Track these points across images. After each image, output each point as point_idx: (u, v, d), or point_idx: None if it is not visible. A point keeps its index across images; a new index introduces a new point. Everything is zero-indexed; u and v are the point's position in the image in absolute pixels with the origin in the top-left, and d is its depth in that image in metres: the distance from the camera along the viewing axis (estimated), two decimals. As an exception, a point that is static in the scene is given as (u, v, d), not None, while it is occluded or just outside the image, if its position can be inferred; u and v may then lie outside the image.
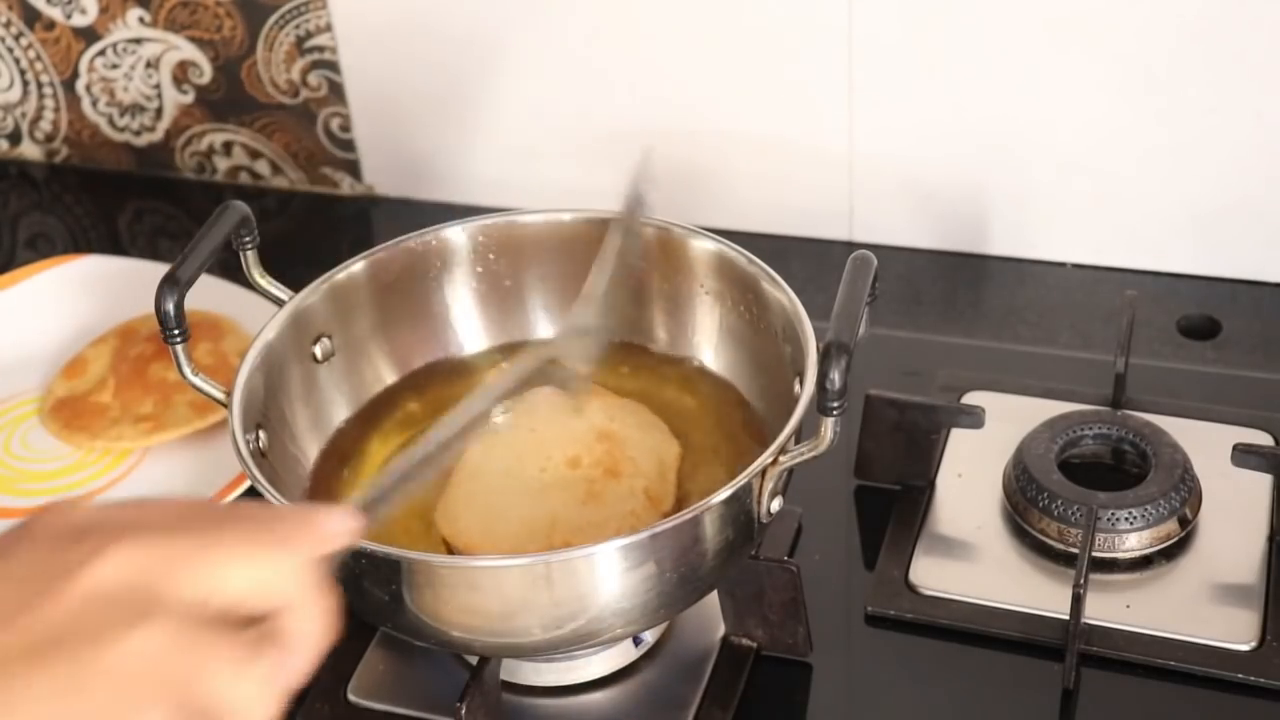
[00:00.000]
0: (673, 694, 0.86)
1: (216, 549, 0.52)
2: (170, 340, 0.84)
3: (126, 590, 0.50)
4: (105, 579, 0.49)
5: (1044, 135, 1.13)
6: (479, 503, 0.85)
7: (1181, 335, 1.11)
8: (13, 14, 1.32)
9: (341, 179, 1.33)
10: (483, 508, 0.85)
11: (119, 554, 0.50)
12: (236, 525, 0.53)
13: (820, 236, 1.22)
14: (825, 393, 0.73)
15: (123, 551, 0.50)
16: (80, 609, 0.49)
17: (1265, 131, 1.08)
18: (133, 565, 0.50)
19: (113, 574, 0.50)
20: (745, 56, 1.16)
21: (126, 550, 0.50)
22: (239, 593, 0.51)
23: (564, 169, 1.24)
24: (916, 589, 0.91)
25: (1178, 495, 0.92)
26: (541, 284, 0.97)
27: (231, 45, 1.28)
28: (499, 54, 1.21)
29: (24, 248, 1.32)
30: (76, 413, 1.07)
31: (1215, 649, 0.86)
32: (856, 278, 0.79)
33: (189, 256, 0.84)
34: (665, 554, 0.75)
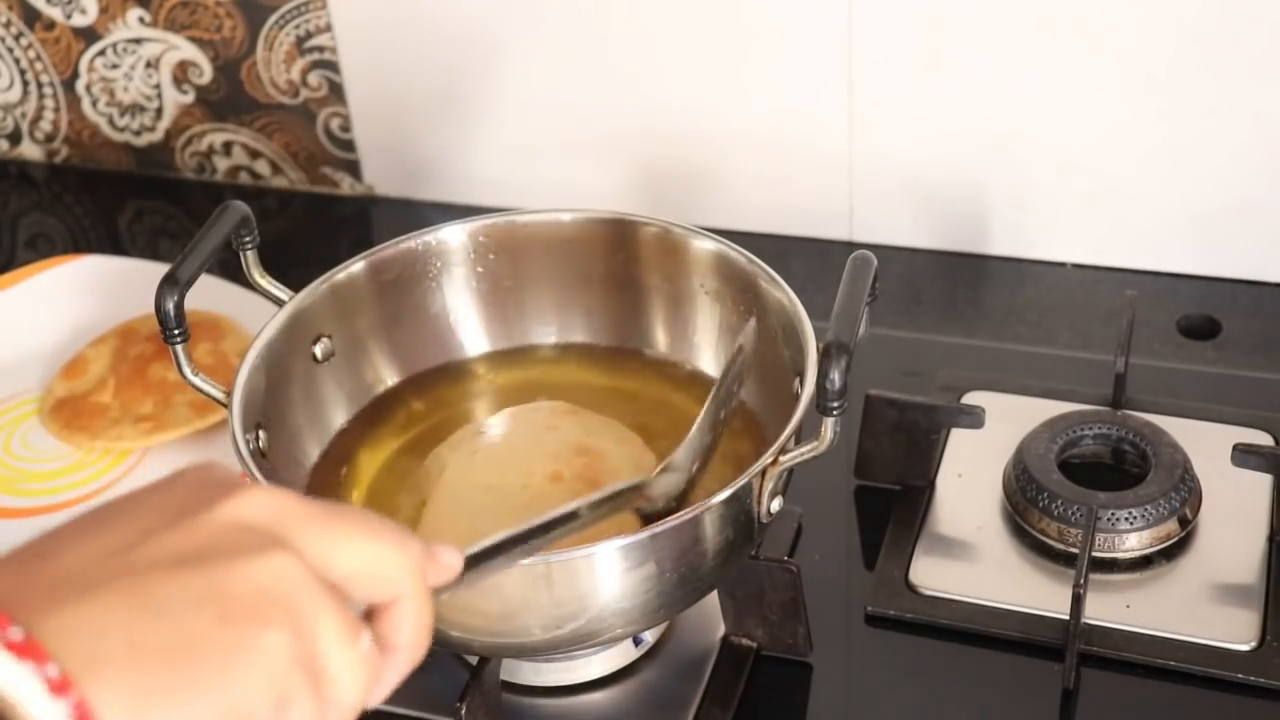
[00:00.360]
0: (673, 694, 0.86)
1: (345, 523, 0.53)
2: (170, 340, 0.84)
3: (262, 525, 0.51)
4: (244, 512, 0.51)
5: (1044, 135, 1.13)
6: (462, 520, 0.84)
7: (1181, 335, 1.11)
8: (13, 14, 1.32)
9: (341, 179, 1.33)
10: (466, 525, 0.84)
11: (259, 497, 0.52)
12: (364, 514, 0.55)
13: (820, 236, 1.22)
14: (825, 393, 0.73)
15: (260, 496, 0.52)
16: (219, 532, 0.51)
17: (1265, 131, 1.08)
18: (270, 509, 0.52)
19: (250, 510, 0.52)
20: (745, 56, 1.16)
21: (264, 496, 0.52)
22: (355, 569, 0.53)
23: (564, 169, 1.24)
24: (916, 589, 0.91)
25: (1178, 495, 0.92)
26: (541, 284, 0.97)
27: (231, 45, 1.28)
28: (499, 54, 1.21)
29: (24, 248, 1.32)
30: (76, 413, 1.07)
31: (1215, 649, 0.86)
32: (856, 278, 0.79)
33: (189, 256, 0.84)
34: (665, 554, 0.75)
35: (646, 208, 1.00)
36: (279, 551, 0.51)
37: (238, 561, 0.50)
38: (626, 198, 1.22)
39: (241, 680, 0.48)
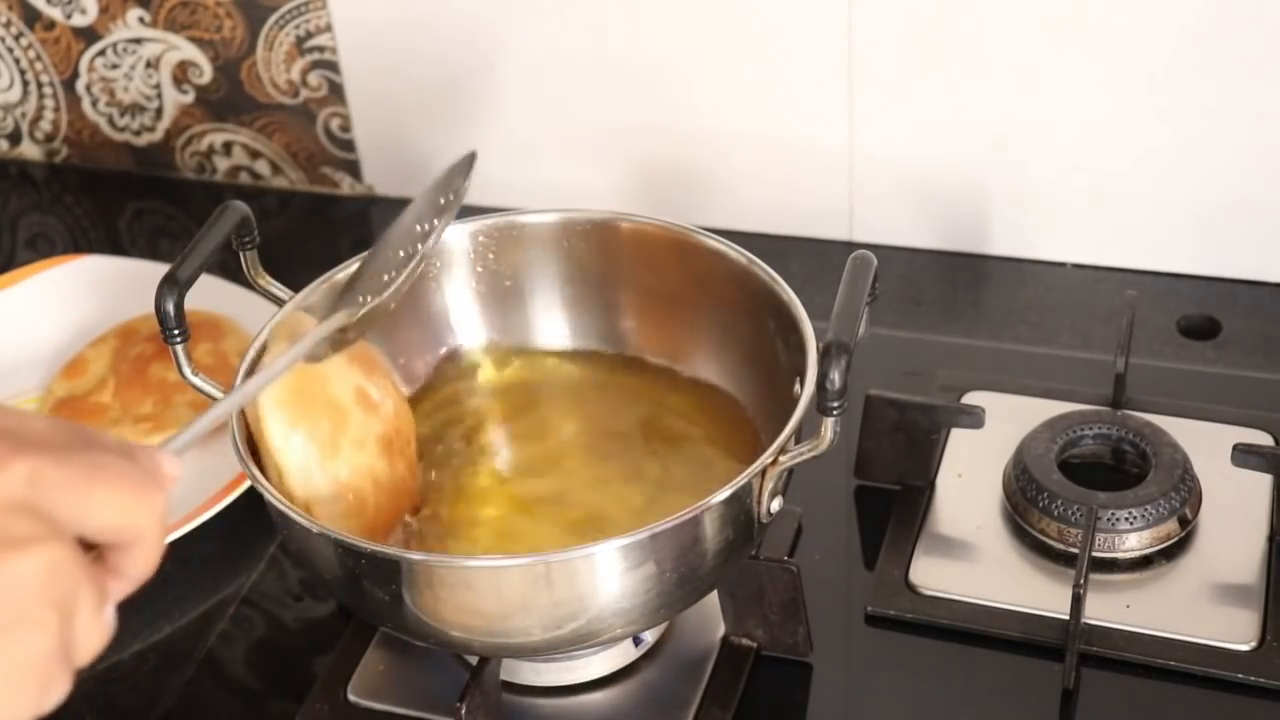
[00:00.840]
0: (673, 694, 0.86)
1: (98, 483, 0.53)
2: (170, 340, 0.84)
3: (24, 505, 0.51)
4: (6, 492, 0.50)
5: (1044, 135, 1.13)
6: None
7: (1181, 335, 1.11)
8: (13, 14, 1.32)
9: (341, 179, 1.33)
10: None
11: (16, 468, 0.51)
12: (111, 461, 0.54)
13: (820, 236, 1.22)
14: (825, 393, 0.73)
15: (18, 465, 0.51)
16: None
17: (1265, 131, 1.08)
18: (27, 481, 0.51)
19: (11, 488, 0.51)
20: (745, 56, 1.16)
21: (22, 464, 0.51)
22: (104, 525, 0.53)
23: (564, 169, 1.24)
24: (916, 589, 0.91)
25: (1178, 495, 0.92)
26: (541, 284, 0.97)
27: (231, 45, 1.28)
28: (499, 54, 1.21)
29: (24, 248, 1.32)
30: (76, 413, 1.07)
31: (1215, 649, 0.86)
32: (856, 278, 0.79)
33: (189, 256, 0.84)
34: (665, 554, 0.75)
35: (646, 208, 1.00)
36: (50, 545, 0.50)
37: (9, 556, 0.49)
38: (626, 198, 1.22)
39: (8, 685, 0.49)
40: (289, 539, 0.81)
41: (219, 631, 0.94)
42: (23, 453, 0.52)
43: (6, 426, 0.53)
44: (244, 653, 0.93)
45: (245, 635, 0.94)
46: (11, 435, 0.52)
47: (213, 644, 0.93)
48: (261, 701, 0.92)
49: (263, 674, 0.93)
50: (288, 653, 0.94)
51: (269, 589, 0.96)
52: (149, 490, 0.55)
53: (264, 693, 0.92)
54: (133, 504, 0.54)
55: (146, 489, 0.55)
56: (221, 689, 0.91)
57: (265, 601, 0.96)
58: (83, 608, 0.52)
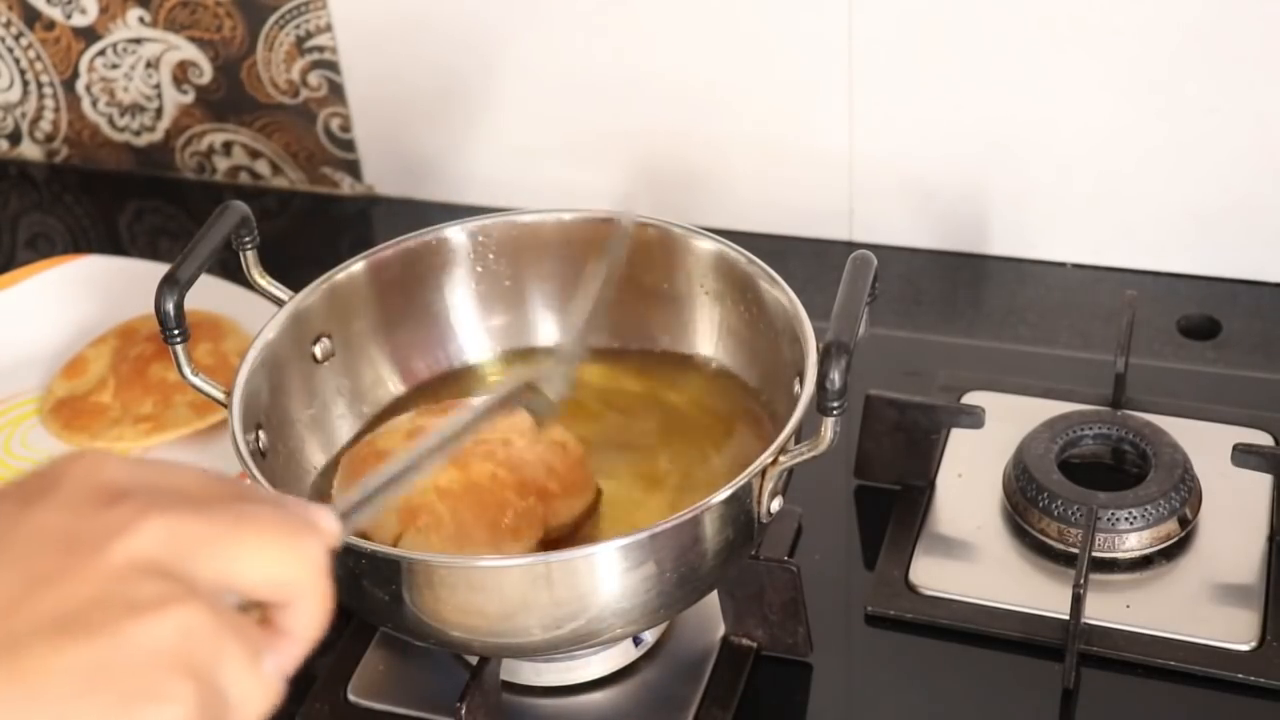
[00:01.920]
0: (673, 694, 0.86)
1: (244, 535, 0.50)
2: (170, 340, 0.84)
3: (156, 567, 0.47)
4: (134, 553, 0.47)
5: (1044, 135, 1.13)
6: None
7: (1181, 335, 1.11)
8: (13, 14, 1.32)
9: (341, 179, 1.33)
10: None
11: (151, 528, 0.48)
12: (258, 512, 0.51)
13: (820, 236, 1.22)
14: (825, 392, 0.73)
15: (155, 525, 0.48)
16: (109, 585, 0.47)
17: (1265, 131, 1.08)
18: (164, 541, 0.48)
19: (141, 549, 0.47)
20: (745, 57, 1.16)
21: (159, 524, 0.48)
22: (256, 582, 0.50)
23: (564, 169, 1.24)
24: (916, 589, 0.91)
25: (1178, 495, 0.92)
26: (541, 284, 0.97)
27: (231, 45, 1.28)
28: (499, 54, 1.21)
29: (24, 248, 1.32)
30: (76, 413, 1.07)
31: (1215, 649, 0.86)
32: (856, 277, 0.79)
33: (189, 256, 0.84)
34: (665, 554, 0.75)
35: (646, 208, 1.00)
36: (184, 606, 0.47)
37: (133, 623, 0.46)
38: (626, 198, 1.22)
39: None
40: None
41: (219, 631, 0.93)
42: (157, 510, 0.48)
43: (144, 481, 0.50)
44: (244, 653, 0.93)
45: (245, 635, 0.94)
46: (147, 491, 0.49)
47: (213, 644, 0.93)
48: (261, 701, 0.92)
49: (263, 674, 0.93)
50: (288, 653, 0.94)
51: (269, 589, 0.96)
52: (302, 540, 0.51)
53: (264, 693, 0.92)
54: (284, 556, 0.51)
55: (299, 539, 0.51)
56: (221, 689, 0.91)
57: (265, 601, 0.96)
58: (229, 669, 0.48)
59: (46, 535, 0.47)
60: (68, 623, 0.46)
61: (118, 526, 0.47)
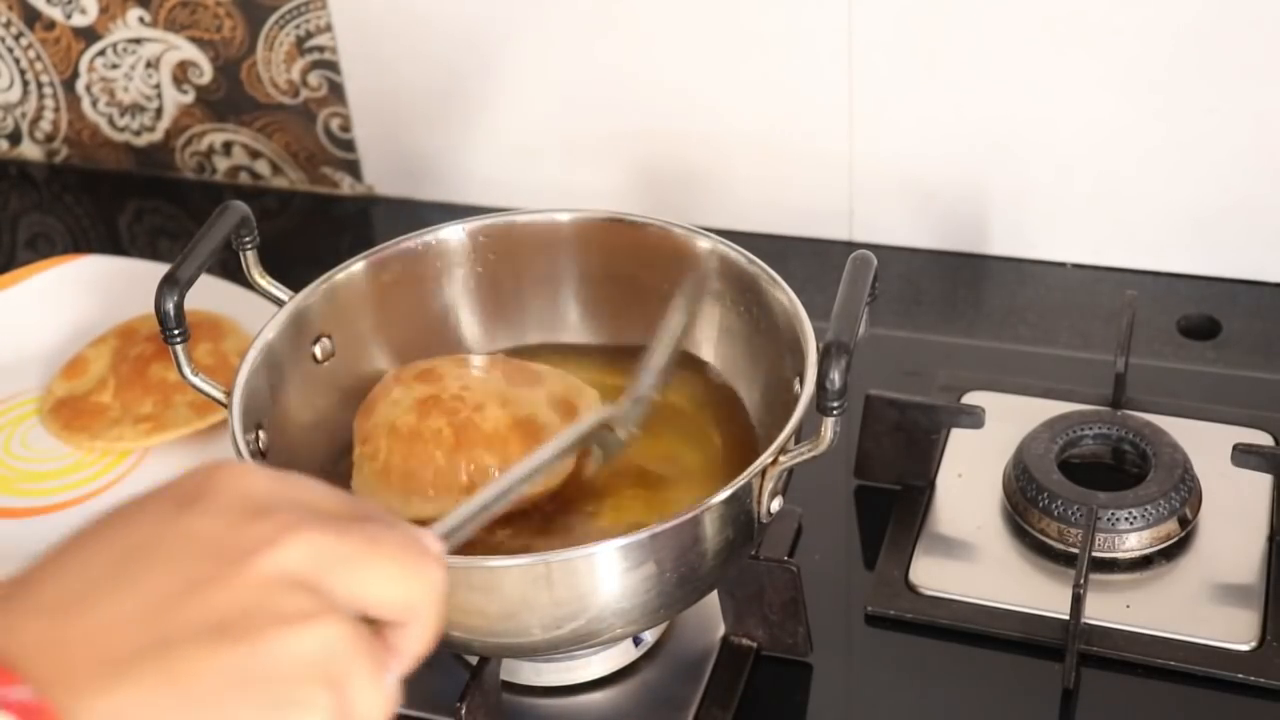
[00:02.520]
0: (673, 694, 0.86)
1: (377, 557, 0.52)
2: (170, 340, 0.84)
3: (299, 582, 0.49)
4: (282, 566, 0.49)
5: (1044, 135, 1.13)
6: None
7: (1181, 335, 1.11)
8: (13, 14, 1.32)
9: (341, 179, 1.33)
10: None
11: (297, 543, 0.50)
12: (387, 534, 0.53)
13: (820, 236, 1.22)
14: (825, 392, 0.73)
15: (301, 541, 0.50)
16: (259, 594, 0.49)
17: (1265, 131, 1.08)
18: (308, 557, 0.50)
19: (289, 563, 0.49)
20: (745, 57, 1.16)
21: (304, 540, 0.50)
22: (383, 601, 0.52)
23: (564, 169, 1.24)
24: (916, 589, 0.91)
25: (1178, 495, 0.92)
26: (541, 284, 0.97)
27: (231, 45, 1.28)
28: (499, 54, 1.21)
29: (24, 248, 1.32)
30: (76, 413, 1.07)
31: (1215, 649, 0.86)
32: (856, 277, 0.79)
33: (189, 256, 0.84)
34: (665, 554, 0.75)
35: (646, 208, 1.00)
36: (326, 620, 0.49)
37: (282, 633, 0.48)
38: (626, 198, 1.22)
39: None
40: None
41: (219, 631, 0.94)
42: (304, 526, 0.50)
43: (290, 495, 0.52)
44: (244, 653, 0.93)
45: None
46: (296, 506, 0.51)
47: (213, 644, 0.93)
48: (261, 701, 0.92)
49: (263, 674, 0.93)
50: (288, 653, 0.94)
51: (269, 589, 0.96)
52: (427, 565, 0.53)
53: (264, 693, 0.92)
54: (411, 580, 0.53)
55: (424, 564, 0.53)
56: (221, 689, 0.91)
57: (265, 601, 0.96)
58: (359, 682, 0.50)
59: (200, 541, 0.49)
60: (222, 628, 0.48)
61: (267, 539, 0.49)
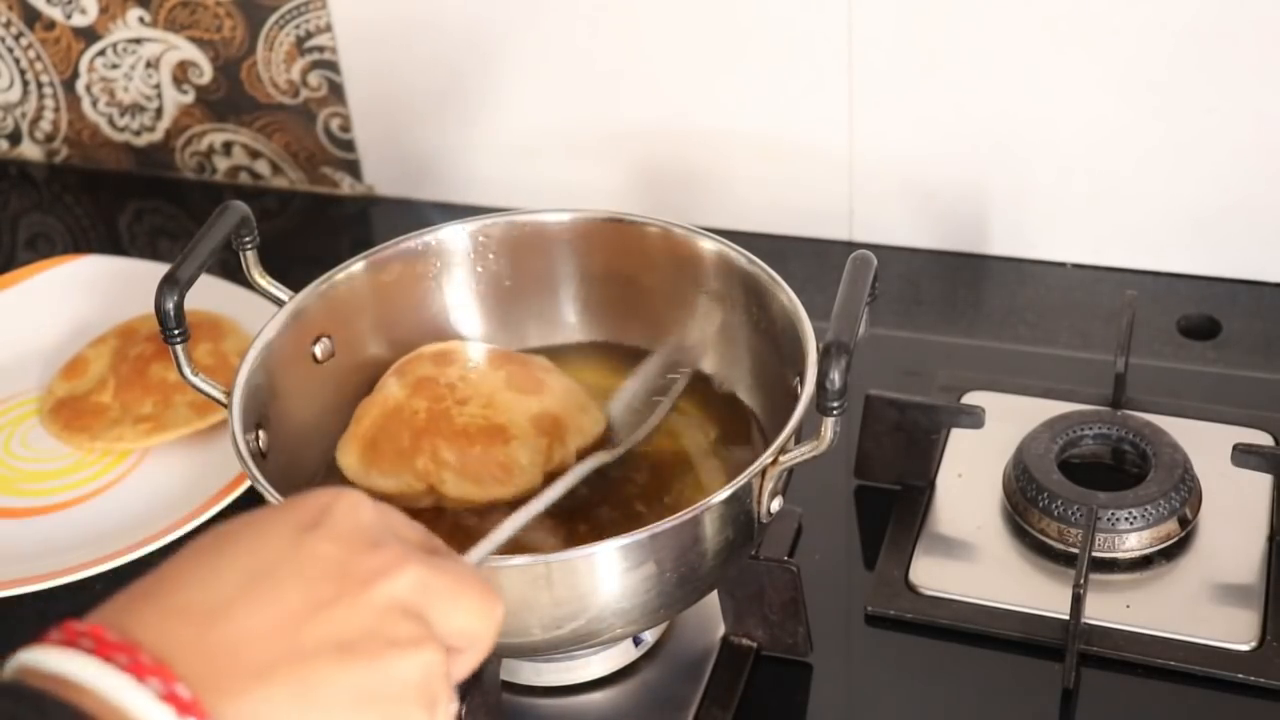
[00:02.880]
0: (673, 694, 0.86)
1: (465, 590, 0.57)
2: (170, 340, 0.84)
3: (408, 609, 0.55)
4: (397, 594, 0.54)
5: (1044, 135, 1.13)
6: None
7: (1181, 335, 1.11)
8: (13, 14, 1.32)
9: (341, 179, 1.33)
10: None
11: (409, 574, 0.55)
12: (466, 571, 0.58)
13: (820, 236, 1.22)
14: (825, 392, 0.73)
15: (411, 573, 0.55)
16: (376, 617, 0.54)
17: (1265, 131, 1.08)
18: (416, 588, 0.55)
19: (403, 592, 0.55)
20: (745, 56, 1.16)
21: (414, 573, 0.55)
22: (459, 631, 0.57)
23: (564, 169, 1.24)
24: (916, 589, 0.91)
25: (1178, 495, 0.92)
26: (541, 284, 0.97)
27: (231, 45, 1.28)
28: (499, 54, 1.21)
29: (24, 248, 1.32)
30: (76, 413, 1.07)
31: (1215, 649, 0.86)
32: (856, 277, 0.79)
33: (188, 257, 0.84)
34: (665, 554, 0.75)
35: (646, 208, 1.00)
36: (429, 647, 0.55)
37: (395, 656, 0.53)
38: (626, 198, 1.22)
39: None
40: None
41: (219, 631, 0.93)
42: (412, 560, 0.56)
43: (392, 527, 0.57)
44: (244, 653, 0.93)
45: (245, 635, 0.94)
46: (400, 539, 0.57)
47: (213, 644, 0.93)
48: (261, 701, 0.92)
49: (263, 674, 0.93)
50: (288, 653, 0.94)
51: (269, 589, 0.96)
52: (496, 602, 0.58)
53: (264, 693, 0.92)
54: (486, 614, 0.58)
55: (495, 601, 0.58)
56: (221, 689, 0.91)
57: (265, 601, 0.96)
58: (445, 705, 0.56)
59: (324, 563, 0.54)
60: (348, 646, 0.53)
61: (383, 568, 0.55)
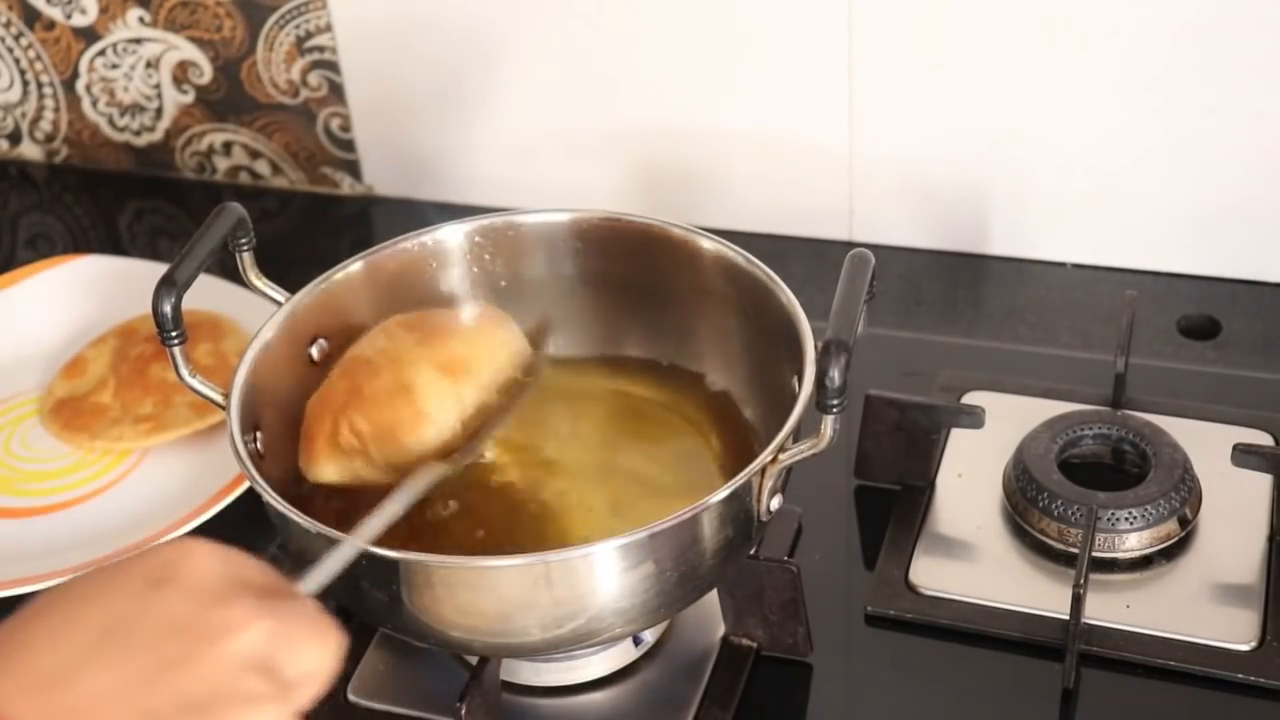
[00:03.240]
0: (673, 694, 0.86)
1: (311, 635, 0.59)
2: (168, 342, 0.83)
3: (260, 664, 0.56)
4: (246, 650, 0.56)
5: (1044, 135, 1.13)
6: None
7: (1181, 335, 1.11)
8: (13, 14, 1.32)
9: (341, 179, 1.33)
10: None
11: (257, 628, 0.57)
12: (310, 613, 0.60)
13: (820, 236, 1.22)
14: (825, 390, 0.73)
15: (260, 627, 0.57)
16: (226, 675, 0.55)
17: (1265, 131, 1.08)
18: (265, 641, 0.57)
19: (251, 647, 0.56)
20: (745, 56, 1.16)
21: (263, 627, 0.57)
22: (307, 673, 0.59)
23: (563, 169, 1.24)
24: (916, 589, 0.91)
25: (1178, 495, 0.92)
26: (538, 284, 0.97)
27: (231, 45, 1.28)
28: (499, 54, 1.21)
29: (24, 248, 1.32)
30: (76, 413, 1.07)
31: (1215, 649, 0.86)
32: (854, 276, 0.79)
33: (185, 259, 0.83)
34: (664, 553, 0.75)
35: (646, 208, 1.00)
36: (276, 703, 0.57)
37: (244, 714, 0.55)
38: (626, 198, 1.22)
39: None
40: (288, 539, 0.81)
41: (219, 631, 0.93)
42: (259, 614, 0.57)
43: (240, 577, 0.58)
44: (244, 653, 0.93)
45: (245, 635, 0.94)
46: (249, 589, 0.58)
47: (212, 644, 0.93)
48: (261, 701, 0.92)
49: (262, 674, 0.93)
50: (287, 653, 0.94)
51: (269, 589, 0.96)
52: (335, 635, 0.60)
53: (264, 693, 0.92)
54: (328, 651, 0.60)
55: (334, 635, 0.60)
56: (221, 689, 0.91)
57: (265, 601, 0.96)
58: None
59: (174, 622, 0.56)
60: (197, 706, 0.54)
61: (232, 624, 0.56)
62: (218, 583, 0.57)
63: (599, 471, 0.89)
